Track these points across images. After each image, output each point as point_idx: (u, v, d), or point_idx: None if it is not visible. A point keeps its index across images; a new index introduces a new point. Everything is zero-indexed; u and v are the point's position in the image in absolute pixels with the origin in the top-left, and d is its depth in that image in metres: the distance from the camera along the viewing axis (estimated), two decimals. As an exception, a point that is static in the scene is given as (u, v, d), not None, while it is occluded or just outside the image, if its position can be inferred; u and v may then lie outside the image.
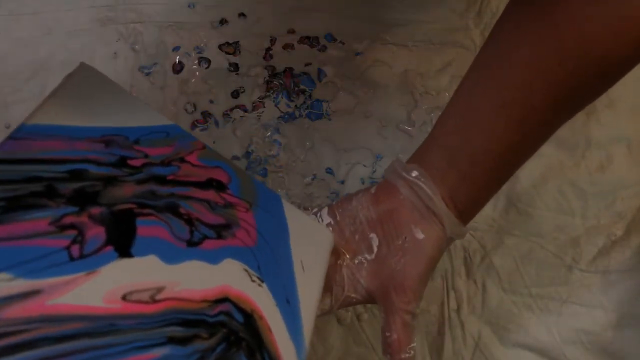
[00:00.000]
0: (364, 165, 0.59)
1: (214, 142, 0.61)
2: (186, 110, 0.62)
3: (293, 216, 0.42)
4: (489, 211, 0.57)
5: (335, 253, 0.42)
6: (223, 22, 0.62)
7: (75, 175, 0.39)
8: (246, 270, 0.37)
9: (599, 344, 0.53)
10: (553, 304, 0.55)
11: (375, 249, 0.41)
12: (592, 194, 0.57)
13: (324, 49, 0.61)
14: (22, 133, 0.39)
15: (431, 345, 0.56)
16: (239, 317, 0.35)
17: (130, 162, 0.42)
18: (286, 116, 0.60)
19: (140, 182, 0.41)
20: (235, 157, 0.60)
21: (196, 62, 0.62)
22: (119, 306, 0.33)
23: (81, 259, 0.34)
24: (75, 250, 0.35)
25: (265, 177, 0.60)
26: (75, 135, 0.42)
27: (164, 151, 0.44)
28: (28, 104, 0.64)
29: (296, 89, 0.61)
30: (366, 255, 0.42)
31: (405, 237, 0.40)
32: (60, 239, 0.35)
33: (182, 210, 0.40)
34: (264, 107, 0.61)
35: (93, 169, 0.40)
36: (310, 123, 0.60)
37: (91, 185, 0.39)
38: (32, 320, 0.29)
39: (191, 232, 0.39)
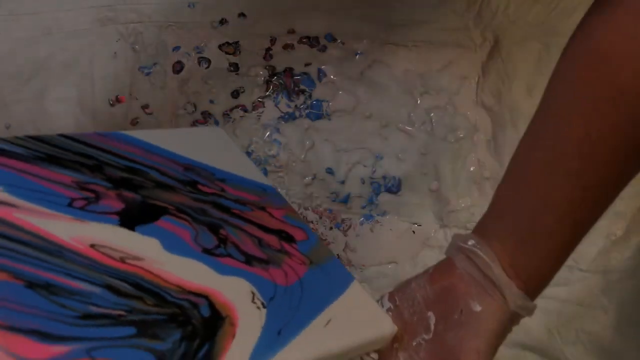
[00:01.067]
0: (364, 166, 0.59)
1: (214, 142, 0.61)
2: (186, 110, 0.62)
3: (356, 296, 0.40)
4: (489, 211, 0.57)
5: (393, 337, 0.40)
6: (223, 22, 0.62)
7: (132, 171, 0.42)
8: (253, 293, 0.37)
9: (599, 344, 0.53)
10: (553, 304, 0.55)
11: (433, 327, 0.39)
12: (592, 194, 0.57)
13: (324, 49, 0.61)
14: (109, 135, 0.44)
15: (431, 345, 0.56)
16: (206, 311, 0.34)
17: (201, 187, 0.44)
18: (286, 116, 0.60)
19: (197, 200, 0.42)
20: (235, 157, 0.61)
21: (196, 62, 0.62)
22: (80, 247, 0.33)
23: (79, 209, 0.36)
24: (78, 202, 0.37)
25: (265, 177, 0.60)
26: (158, 152, 0.45)
27: (247, 196, 0.46)
28: (28, 104, 0.64)
29: (296, 89, 0.61)
30: (424, 336, 0.40)
31: (461, 310, 0.38)
32: (73, 192, 0.37)
33: (222, 232, 0.41)
34: (264, 107, 0.61)
35: (154, 174, 0.43)
36: (310, 123, 0.60)
37: (142, 181, 0.42)
38: None
39: (217, 246, 0.39)
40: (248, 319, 0.35)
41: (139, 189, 0.41)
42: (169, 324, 0.32)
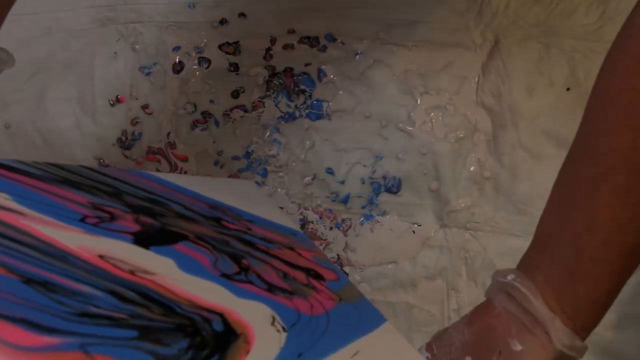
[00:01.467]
0: (364, 165, 0.59)
1: (214, 142, 0.61)
2: (186, 110, 0.62)
3: (388, 335, 0.38)
4: (490, 211, 0.57)
5: None
6: (223, 22, 0.62)
7: (152, 202, 0.40)
8: (273, 317, 0.34)
9: (599, 344, 0.53)
10: (553, 304, 0.55)
11: None
12: (592, 194, 0.56)
13: (324, 49, 0.61)
14: (132, 171, 0.42)
15: (431, 345, 0.56)
16: (219, 326, 0.31)
17: (225, 223, 0.42)
18: (286, 116, 0.60)
19: (220, 233, 0.41)
20: (236, 157, 0.60)
21: (196, 62, 0.62)
22: (87, 255, 0.31)
23: (91, 225, 0.34)
24: (91, 219, 0.35)
25: (265, 177, 0.60)
26: (183, 192, 0.44)
27: (274, 236, 0.44)
28: (28, 104, 0.64)
29: (296, 89, 0.61)
30: None
31: (500, 352, 0.35)
32: (86, 211, 0.35)
33: (244, 261, 0.38)
34: (264, 107, 0.61)
35: (176, 207, 0.41)
36: (310, 123, 0.60)
37: (162, 210, 0.40)
38: None
39: (237, 273, 0.37)
40: (265, 339, 0.32)
41: (158, 216, 0.38)
42: (175, 332, 0.29)
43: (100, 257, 0.32)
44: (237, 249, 0.39)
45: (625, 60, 0.32)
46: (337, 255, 0.58)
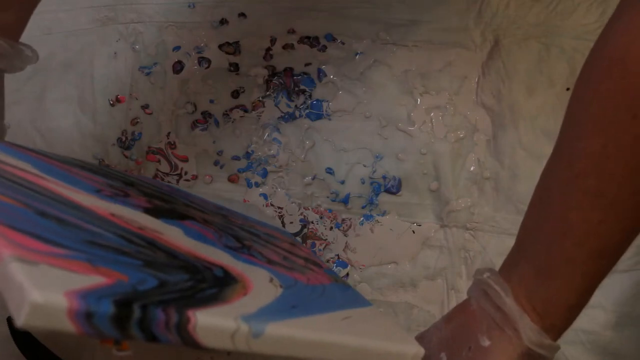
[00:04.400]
0: (364, 165, 0.59)
1: (214, 142, 0.61)
2: (186, 110, 0.62)
3: (379, 315, 0.39)
4: (490, 211, 0.57)
5: None
6: (223, 22, 0.62)
7: (164, 194, 0.44)
8: (271, 278, 0.35)
9: (599, 344, 0.53)
10: (553, 304, 0.55)
11: None
12: (592, 194, 0.56)
13: (324, 49, 0.61)
14: (148, 177, 0.50)
15: (431, 345, 0.56)
16: (219, 272, 0.33)
17: (231, 218, 0.46)
18: (286, 116, 0.60)
19: (226, 222, 0.43)
20: (235, 157, 0.60)
21: (196, 62, 0.62)
22: (99, 211, 0.33)
23: (105, 195, 0.37)
24: (106, 192, 0.37)
25: (265, 177, 0.60)
26: (190, 194, 0.49)
27: (277, 234, 0.47)
28: (28, 104, 0.64)
29: (296, 89, 0.61)
30: None
31: (470, 347, 0.36)
32: (102, 187, 0.38)
33: (246, 242, 0.41)
34: (264, 107, 0.61)
35: (185, 201, 0.45)
36: (310, 123, 0.60)
37: (173, 200, 0.43)
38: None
39: (240, 247, 0.39)
40: (262, 290, 0.33)
41: (169, 203, 0.42)
42: (178, 268, 0.30)
43: (112, 214, 0.34)
44: (241, 235, 0.42)
45: (600, 64, 0.33)
46: (337, 255, 0.58)
